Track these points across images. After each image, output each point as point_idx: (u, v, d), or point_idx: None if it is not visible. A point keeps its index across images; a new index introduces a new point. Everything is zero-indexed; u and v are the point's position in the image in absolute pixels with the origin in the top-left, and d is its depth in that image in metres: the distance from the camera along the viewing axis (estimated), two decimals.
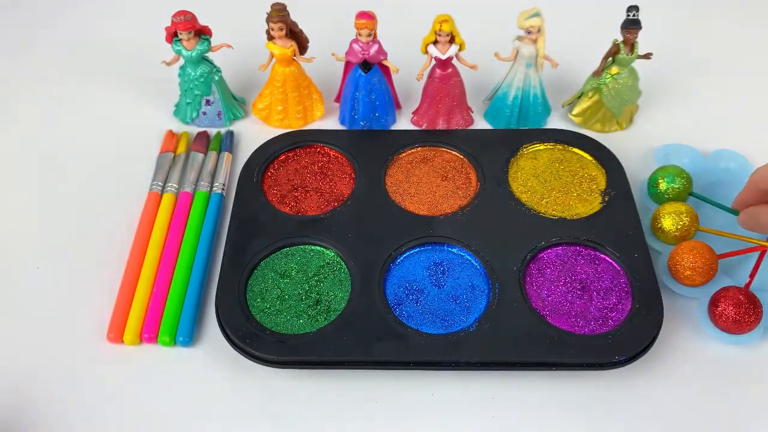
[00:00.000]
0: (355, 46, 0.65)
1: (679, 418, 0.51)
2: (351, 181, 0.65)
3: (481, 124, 0.72)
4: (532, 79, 0.68)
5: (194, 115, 0.71)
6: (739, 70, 0.79)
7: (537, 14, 0.64)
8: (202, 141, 0.69)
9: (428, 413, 0.52)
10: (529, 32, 0.64)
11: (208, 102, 0.70)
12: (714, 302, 0.54)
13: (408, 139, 0.68)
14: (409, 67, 0.68)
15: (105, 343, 0.55)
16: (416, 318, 0.55)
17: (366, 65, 0.66)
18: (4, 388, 0.53)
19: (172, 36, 0.67)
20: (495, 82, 0.72)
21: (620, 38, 0.65)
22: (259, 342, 0.53)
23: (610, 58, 0.67)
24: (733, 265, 0.59)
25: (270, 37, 0.67)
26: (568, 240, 0.59)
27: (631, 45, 0.65)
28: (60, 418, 0.51)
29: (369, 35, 0.64)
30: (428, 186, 0.65)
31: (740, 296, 0.53)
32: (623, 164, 0.65)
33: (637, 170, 0.67)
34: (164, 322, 0.55)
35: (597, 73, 0.68)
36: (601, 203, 0.63)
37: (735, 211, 0.59)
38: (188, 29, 0.65)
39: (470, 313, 0.55)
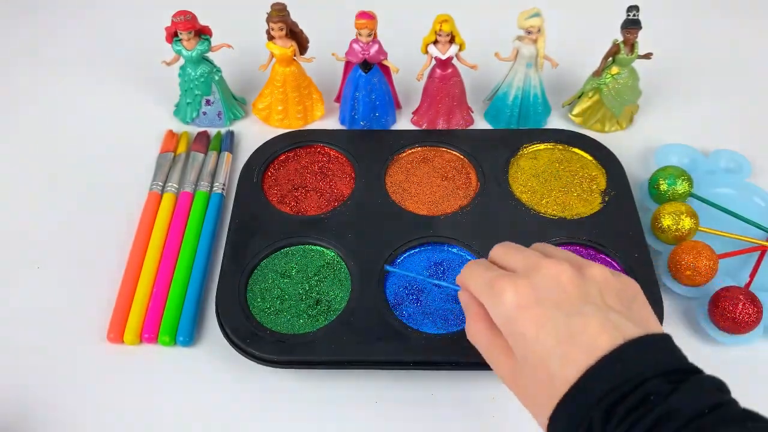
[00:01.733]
0: (355, 46, 0.65)
1: None
2: (351, 181, 0.65)
3: (481, 124, 0.72)
4: (532, 79, 0.68)
5: (194, 115, 0.71)
6: (739, 70, 0.79)
7: (537, 14, 0.64)
8: (202, 141, 0.69)
9: (428, 413, 0.52)
10: (529, 32, 0.64)
11: (208, 102, 0.70)
12: (714, 302, 0.54)
13: (408, 139, 0.68)
14: (409, 67, 0.68)
15: (105, 343, 0.55)
16: (416, 318, 0.55)
17: (366, 65, 0.66)
18: (5, 388, 0.53)
19: (172, 36, 0.67)
20: (495, 82, 0.72)
21: (620, 38, 0.65)
22: (259, 342, 0.53)
23: (610, 58, 0.67)
24: (733, 265, 0.59)
25: (270, 37, 0.67)
26: (568, 240, 0.59)
27: (631, 45, 0.65)
28: (60, 417, 0.51)
29: (369, 35, 0.64)
30: (428, 186, 0.65)
31: (740, 296, 0.53)
32: (623, 164, 0.65)
33: (637, 170, 0.67)
34: (164, 322, 0.55)
35: (597, 73, 0.68)
36: (601, 203, 0.63)
37: (735, 213, 0.59)
38: (188, 29, 0.65)
39: None
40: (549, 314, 0.37)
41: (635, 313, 0.38)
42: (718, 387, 0.35)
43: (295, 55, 0.67)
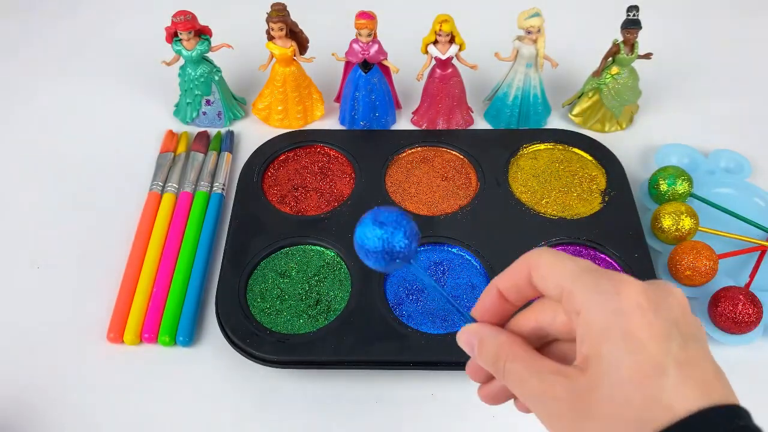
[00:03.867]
0: (355, 46, 0.65)
1: None
2: (351, 181, 0.65)
3: (481, 124, 0.72)
4: (532, 79, 0.68)
5: (194, 115, 0.71)
6: (740, 70, 0.79)
7: (537, 14, 0.64)
8: (202, 141, 0.69)
9: (428, 413, 0.52)
10: (529, 32, 0.64)
11: (208, 102, 0.70)
12: (714, 302, 0.54)
13: (408, 139, 0.68)
14: (409, 67, 0.68)
15: (105, 343, 0.55)
16: (416, 318, 0.55)
17: (366, 65, 0.66)
18: (5, 388, 0.53)
19: (172, 36, 0.67)
20: (495, 82, 0.72)
21: (620, 38, 0.65)
22: (259, 342, 0.53)
23: (610, 58, 0.67)
24: (733, 265, 0.59)
25: (270, 37, 0.67)
26: (568, 240, 0.59)
27: (631, 45, 0.65)
28: (60, 417, 0.51)
29: (369, 35, 0.64)
30: (428, 186, 0.65)
31: (740, 296, 0.53)
32: (623, 164, 0.65)
33: (637, 170, 0.67)
34: (164, 322, 0.55)
35: (597, 73, 0.68)
36: (601, 203, 0.63)
37: (735, 213, 0.59)
38: (188, 29, 0.65)
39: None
40: (667, 328, 0.30)
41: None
42: None
43: (295, 55, 0.67)
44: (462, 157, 0.67)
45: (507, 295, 0.35)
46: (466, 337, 0.36)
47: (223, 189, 0.65)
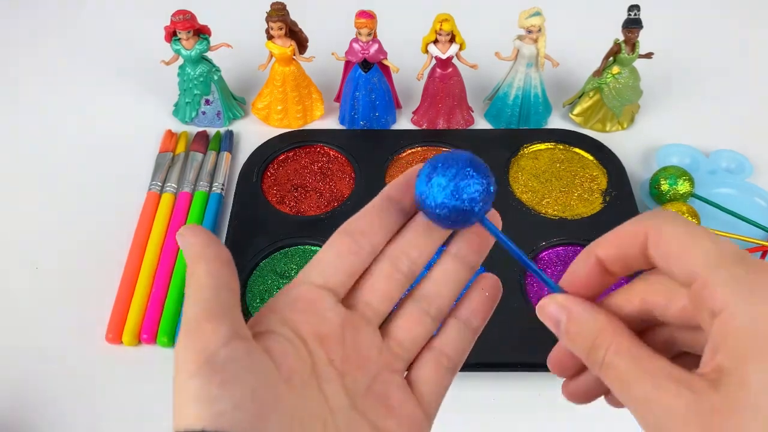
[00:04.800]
0: (355, 45, 0.65)
1: None
2: (351, 181, 0.65)
3: (481, 123, 0.72)
4: (532, 79, 0.68)
5: (193, 114, 0.71)
6: (739, 70, 0.79)
7: (538, 14, 0.63)
8: (202, 141, 0.69)
9: None
10: (529, 32, 0.64)
11: (207, 101, 0.70)
12: None
13: (408, 139, 0.68)
14: (409, 67, 0.67)
15: (104, 343, 0.55)
16: None
17: (366, 65, 0.66)
18: (4, 389, 0.53)
19: (172, 35, 0.66)
20: (495, 81, 0.71)
21: (621, 38, 0.65)
22: None
23: (611, 58, 0.67)
24: None
25: (270, 37, 0.66)
26: (568, 240, 0.59)
27: (632, 44, 0.65)
28: (59, 417, 0.51)
29: (369, 34, 0.64)
30: None
31: None
32: (624, 164, 0.65)
33: (638, 170, 0.67)
34: (163, 323, 0.55)
35: (598, 73, 0.68)
36: (602, 203, 0.62)
37: (736, 213, 0.58)
38: (187, 28, 0.65)
39: None
40: None
41: None
42: None
43: (294, 55, 0.67)
44: None
45: (609, 265, 0.28)
46: (552, 310, 0.28)
47: (222, 189, 0.65)
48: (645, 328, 0.28)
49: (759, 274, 0.23)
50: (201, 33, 0.67)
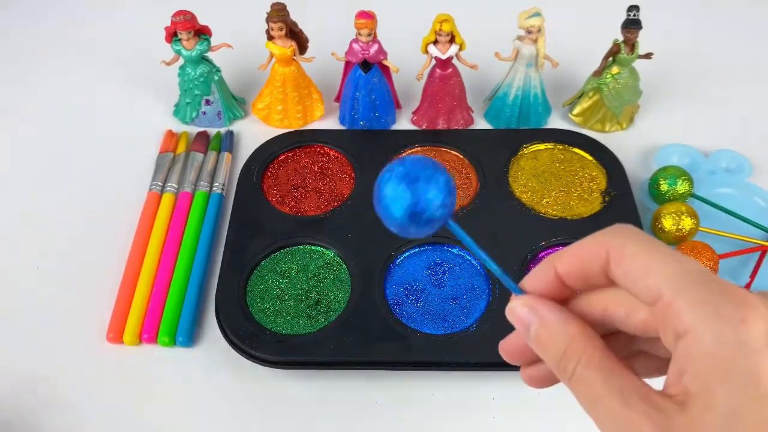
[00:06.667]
0: (355, 45, 0.65)
1: None
2: (351, 181, 0.65)
3: (481, 124, 0.72)
4: (532, 79, 0.68)
5: (194, 114, 0.71)
6: (740, 70, 0.79)
7: (537, 14, 0.63)
8: (202, 141, 0.69)
9: (428, 413, 0.52)
10: (529, 32, 0.64)
11: (207, 102, 0.70)
12: None
13: (408, 139, 0.68)
14: (409, 67, 0.68)
15: (105, 343, 0.55)
16: (416, 318, 0.55)
17: (366, 65, 0.66)
18: (4, 389, 0.53)
19: (172, 36, 0.66)
20: (495, 81, 0.72)
21: (621, 38, 0.65)
22: (259, 342, 0.52)
23: (611, 58, 0.67)
24: (734, 265, 0.59)
25: (270, 37, 0.66)
26: (568, 240, 0.59)
27: (631, 45, 0.65)
28: (59, 417, 0.51)
29: (369, 35, 0.64)
30: None
31: None
32: (624, 164, 0.65)
33: (637, 170, 0.67)
34: (164, 323, 0.55)
35: (597, 73, 0.68)
36: (601, 203, 0.62)
37: (736, 213, 0.58)
38: (188, 29, 0.65)
39: (470, 313, 0.55)
40: None
41: None
42: None
43: (294, 55, 0.67)
44: (462, 157, 0.67)
45: (567, 281, 0.28)
46: (522, 313, 0.28)
47: (222, 189, 0.65)
48: (606, 333, 0.28)
49: (723, 295, 0.23)
50: (201, 33, 0.67)
